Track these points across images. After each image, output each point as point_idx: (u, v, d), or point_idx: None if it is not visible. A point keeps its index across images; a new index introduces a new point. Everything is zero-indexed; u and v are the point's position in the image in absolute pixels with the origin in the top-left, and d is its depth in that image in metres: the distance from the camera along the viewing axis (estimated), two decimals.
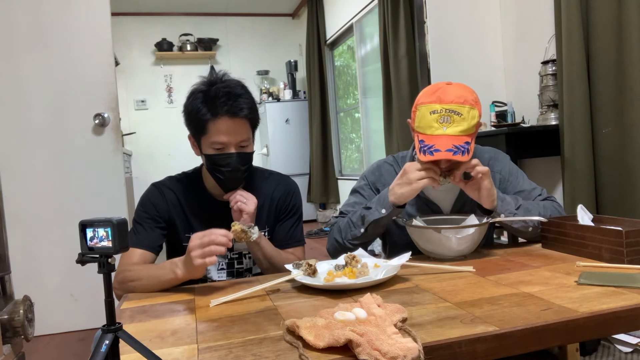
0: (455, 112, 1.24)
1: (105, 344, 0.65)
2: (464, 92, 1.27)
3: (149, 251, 1.32)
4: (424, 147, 1.26)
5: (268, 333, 0.82)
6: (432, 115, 1.26)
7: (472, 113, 1.25)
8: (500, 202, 1.29)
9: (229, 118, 1.27)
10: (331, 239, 1.45)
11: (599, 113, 2.27)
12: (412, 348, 0.69)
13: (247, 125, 1.32)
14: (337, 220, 1.47)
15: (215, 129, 1.28)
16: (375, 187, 1.49)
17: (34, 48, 2.52)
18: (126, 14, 5.90)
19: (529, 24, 2.90)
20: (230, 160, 1.30)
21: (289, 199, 1.48)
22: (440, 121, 1.25)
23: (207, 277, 1.42)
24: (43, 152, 2.55)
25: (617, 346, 1.81)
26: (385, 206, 1.31)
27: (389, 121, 4.07)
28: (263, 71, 6.40)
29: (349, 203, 1.50)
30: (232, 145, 1.30)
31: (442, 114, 1.25)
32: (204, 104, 1.28)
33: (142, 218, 1.37)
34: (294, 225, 1.48)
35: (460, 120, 1.24)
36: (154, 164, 5.92)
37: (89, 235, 0.68)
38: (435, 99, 1.27)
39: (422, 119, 1.28)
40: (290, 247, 1.45)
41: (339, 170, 5.95)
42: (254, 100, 1.36)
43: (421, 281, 1.08)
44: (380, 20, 4.04)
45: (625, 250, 1.07)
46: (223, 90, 1.28)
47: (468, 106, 1.25)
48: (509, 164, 1.48)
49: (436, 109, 1.26)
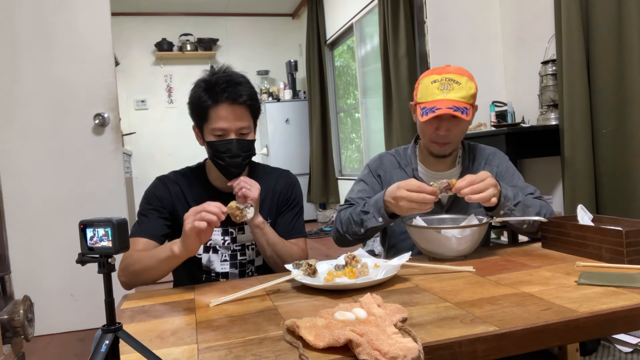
0: (454, 81, 1.34)
1: (105, 344, 0.65)
2: (462, 69, 1.39)
3: (153, 240, 1.35)
4: (425, 110, 1.33)
5: (268, 333, 0.82)
6: (433, 85, 1.35)
7: (470, 84, 1.35)
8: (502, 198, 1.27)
9: (228, 104, 1.32)
10: (335, 227, 1.50)
11: (599, 113, 2.27)
12: (412, 348, 0.69)
13: (247, 113, 1.36)
14: (343, 208, 1.51)
15: (215, 116, 1.33)
16: (377, 173, 1.54)
17: (34, 48, 2.52)
18: (126, 14, 5.90)
19: (529, 24, 2.90)
20: (231, 146, 1.33)
21: (290, 191, 1.51)
22: (441, 88, 1.34)
23: (210, 268, 1.43)
24: (43, 152, 2.55)
25: (617, 346, 1.81)
26: (381, 215, 1.32)
27: (389, 121, 4.07)
28: (263, 71, 6.40)
29: (354, 191, 1.54)
30: (232, 131, 1.34)
31: (442, 82, 1.35)
32: (205, 91, 1.34)
33: (146, 209, 1.40)
34: (295, 217, 1.50)
35: (459, 88, 1.33)
36: (154, 164, 5.92)
37: (89, 235, 0.68)
38: (435, 71, 1.38)
39: (423, 90, 1.37)
40: (293, 238, 1.46)
41: (339, 170, 5.95)
42: (254, 90, 1.40)
43: (421, 281, 1.08)
44: (380, 20, 4.04)
45: (625, 250, 1.07)
46: (224, 78, 1.34)
47: (466, 77, 1.35)
48: (507, 162, 1.52)
49: (436, 79, 1.36)
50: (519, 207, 1.29)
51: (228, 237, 1.44)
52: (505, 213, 1.28)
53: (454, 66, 1.40)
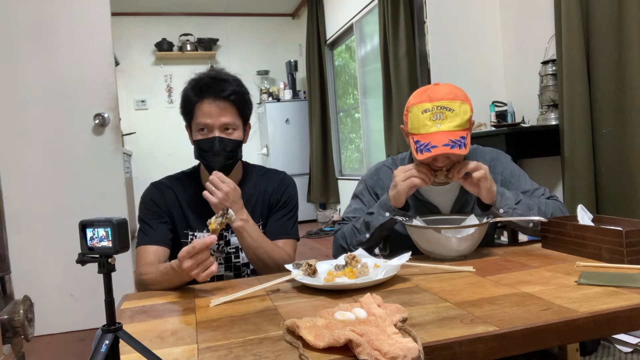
0: (447, 108, 1.25)
1: (105, 344, 0.65)
2: (453, 89, 1.28)
3: (162, 246, 1.35)
4: (420, 147, 1.26)
5: (268, 333, 0.82)
6: (424, 114, 1.26)
7: (464, 108, 1.26)
8: (499, 196, 1.29)
9: (212, 100, 1.33)
10: (336, 245, 1.46)
11: (599, 113, 2.27)
12: (412, 348, 0.69)
13: (231, 109, 1.34)
14: (341, 226, 1.48)
15: (199, 112, 1.34)
16: (374, 191, 1.50)
17: (34, 48, 2.52)
18: (126, 14, 5.90)
19: (529, 24, 2.90)
20: (213, 143, 1.32)
21: (281, 192, 1.48)
22: (433, 119, 1.25)
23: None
24: (43, 152, 2.55)
25: (617, 346, 1.81)
26: (388, 209, 1.32)
27: (389, 121, 4.07)
28: (263, 71, 6.40)
29: (351, 209, 1.51)
30: (216, 127, 1.33)
31: (434, 112, 1.25)
32: (192, 89, 1.36)
33: (146, 216, 1.39)
34: (284, 217, 1.46)
35: (453, 116, 1.25)
36: (154, 164, 5.92)
37: (89, 235, 0.68)
38: (425, 98, 1.27)
39: (414, 120, 1.28)
40: (280, 239, 1.42)
41: (339, 170, 5.95)
42: (244, 89, 1.39)
43: (421, 281, 1.08)
44: (380, 20, 4.04)
45: (625, 250, 1.07)
46: (210, 75, 1.36)
47: (459, 101, 1.26)
48: (511, 165, 1.48)
49: (427, 107, 1.26)
50: (521, 205, 1.30)
51: (222, 241, 1.44)
52: (507, 212, 1.29)
53: (444, 85, 1.30)
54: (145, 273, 1.25)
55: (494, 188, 1.28)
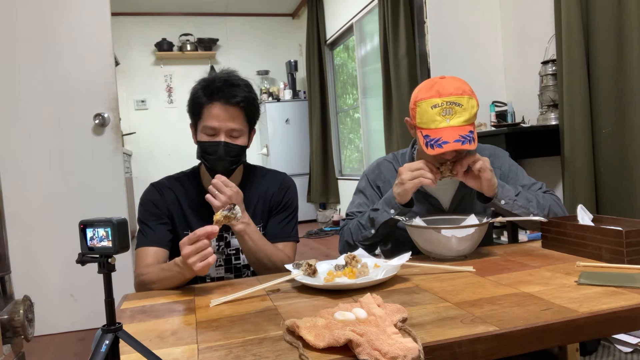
0: (456, 104, 1.27)
1: (105, 344, 0.65)
2: (460, 84, 1.30)
3: (161, 247, 1.35)
4: (431, 142, 1.27)
5: (268, 333, 0.82)
6: (433, 110, 1.28)
7: (471, 102, 1.29)
8: (500, 188, 1.31)
9: (222, 104, 1.31)
10: (342, 241, 1.47)
11: (599, 113, 2.27)
12: (412, 348, 0.69)
13: (240, 115, 1.34)
14: (346, 222, 1.49)
15: (208, 114, 1.32)
16: (376, 184, 1.51)
17: (34, 48, 2.52)
18: (126, 14, 5.90)
19: (529, 24, 2.90)
20: (218, 148, 1.32)
21: (282, 194, 1.48)
22: (443, 114, 1.27)
23: (205, 275, 1.42)
24: (43, 152, 2.55)
25: (617, 346, 1.81)
26: (393, 206, 1.33)
27: (389, 121, 4.07)
28: (263, 71, 6.40)
29: (354, 204, 1.52)
30: (223, 131, 1.32)
31: (443, 107, 1.27)
32: (203, 89, 1.34)
33: (146, 217, 1.39)
34: (285, 219, 1.46)
35: (461, 111, 1.27)
36: (154, 164, 5.92)
37: (89, 235, 0.68)
38: (434, 94, 1.29)
39: (423, 115, 1.29)
40: (280, 242, 1.42)
41: (339, 170, 5.95)
42: (253, 95, 1.38)
43: (421, 281, 1.08)
44: (380, 20, 4.04)
45: (625, 250, 1.07)
46: (222, 78, 1.34)
47: (467, 96, 1.28)
48: (509, 161, 1.51)
49: (437, 103, 1.28)
50: (520, 197, 1.32)
51: (222, 242, 1.44)
52: (507, 203, 1.30)
53: (451, 80, 1.31)
54: (144, 273, 1.25)
55: (494, 180, 1.30)
